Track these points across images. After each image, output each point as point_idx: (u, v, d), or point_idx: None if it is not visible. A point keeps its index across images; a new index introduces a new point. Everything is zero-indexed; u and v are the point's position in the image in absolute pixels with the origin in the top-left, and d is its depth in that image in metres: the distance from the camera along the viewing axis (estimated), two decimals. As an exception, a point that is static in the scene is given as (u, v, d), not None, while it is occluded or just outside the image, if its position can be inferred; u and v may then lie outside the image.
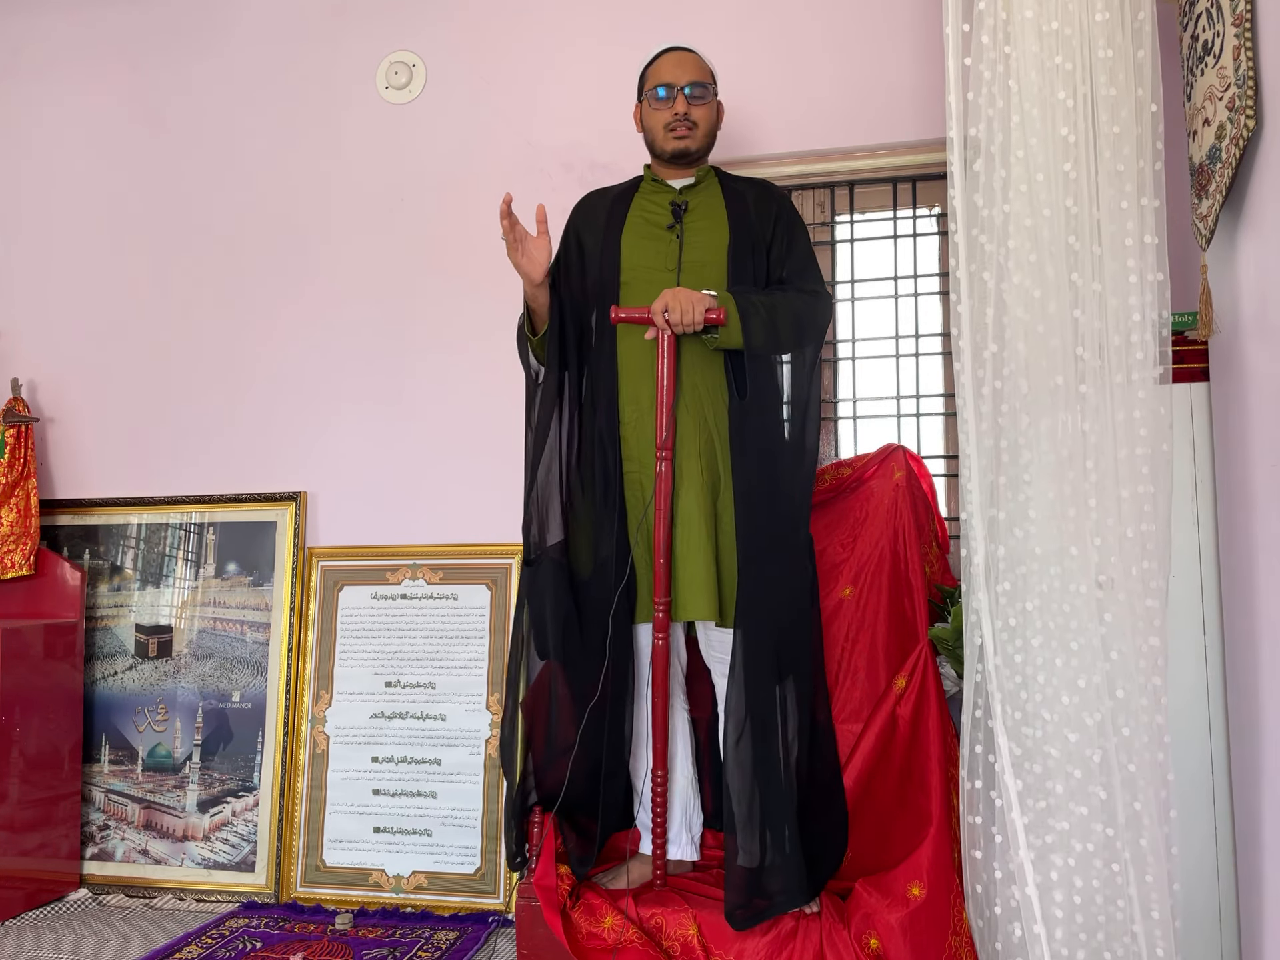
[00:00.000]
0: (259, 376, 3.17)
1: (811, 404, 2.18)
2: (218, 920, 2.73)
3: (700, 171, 2.28)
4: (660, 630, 2.07)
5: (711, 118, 2.27)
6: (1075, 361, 1.68)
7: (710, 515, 2.11)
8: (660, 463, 2.07)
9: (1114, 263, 1.66)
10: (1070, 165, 1.68)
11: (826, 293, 2.23)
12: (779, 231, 2.23)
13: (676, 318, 2.02)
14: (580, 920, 2.05)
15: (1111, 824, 1.62)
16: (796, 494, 2.14)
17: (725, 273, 2.17)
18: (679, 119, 2.21)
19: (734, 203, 2.24)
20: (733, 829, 2.01)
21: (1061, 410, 1.68)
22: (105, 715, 3.12)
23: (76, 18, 3.38)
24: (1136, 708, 1.61)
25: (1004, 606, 1.72)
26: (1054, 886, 1.62)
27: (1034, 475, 1.71)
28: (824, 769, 2.13)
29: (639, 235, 2.24)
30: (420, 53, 3.13)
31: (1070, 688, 1.64)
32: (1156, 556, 1.65)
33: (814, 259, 2.27)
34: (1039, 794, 1.67)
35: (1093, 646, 1.64)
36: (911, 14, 2.81)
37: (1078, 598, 1.65)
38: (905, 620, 2.30)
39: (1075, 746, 1.63)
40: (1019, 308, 1.71)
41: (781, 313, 2.10)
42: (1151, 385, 1.65)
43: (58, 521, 3.24)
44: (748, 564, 2.05)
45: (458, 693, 2.89)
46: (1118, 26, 1.68)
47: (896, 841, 2.10)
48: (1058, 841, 1.64)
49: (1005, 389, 1.74)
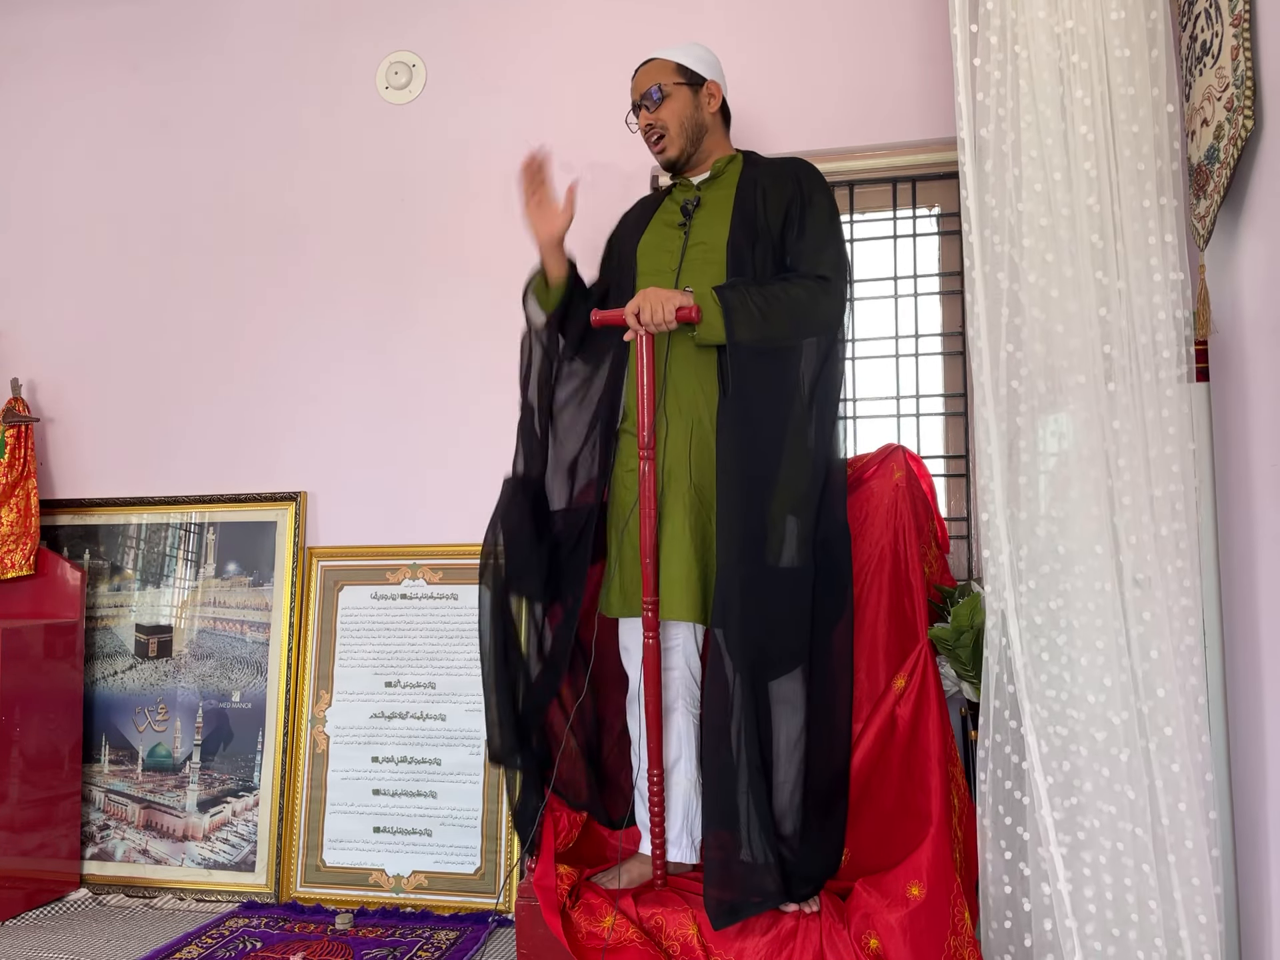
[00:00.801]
0: (259, 376, 3.17)
1: (819, 399, 2.10)
2: (218, 920, 2.73)
3: (719, 163, 2.25)
4: (649, 629, 2.08)
5: (683, 110, 2.23)
6: (1096, 361, 1.67)
7: (699, 516, 2.10)
8: (643, 463, 2.07)
9: (1137, 261, 1.66)
10: (1090, 164, 1.68)
11: (839, 279, 2.12)
12: (792, 214, 2.16)
13: (647, 317, 2.02)
14: (580, 920, 2.05)
15: (1140, 824, 1.61)
16: (797, 491, 2.08)
17: (725, 268, 2.15)
18: (646, 133, 2.26)
19: (744, 193, 2.19)
20: (711, 820, 2.01)
21: (1082, 409, 1.68)
22: (105, 715, 3.12)
23: (76, 18, 3.38)
24: (1175, 707, 1.61)
25: (1027, 606, 1.72)
26: (1085, 883, 1.62)
27: (1054, 474, 1.71)
28: (825, 770, 2.11)
29: (654, 236, 2.27)
30: (420, 53, 3.14)
31: (1096, 686, 1.64)
32: (1189, 555, 1.64)
33: (831, 242, 2.15)
34: (1068, 791, 1.67)
35: (1119, 645, 1.63)
36: (913, 14, 2.81)
37: (1102, 596, 1.65)
38: (905, 620, 2.29)
39: (1103, 745, 1.63)
40: (1035, 308, 1.71)
41: (777, 304, 2.04)
42: (1178, 384, 1.65)
43: (58, 521, 3.24)
44: (725, 566, 2.02)
45: (458, 693, 2.89)
46: (1132, 25, 1.68)
47: (896, 841, 2.09)
48: (1088, 839, 1.64)
49: (1023, 389, 1.74)
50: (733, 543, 2.02)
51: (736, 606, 1.98)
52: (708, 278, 2.13)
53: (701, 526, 2.11)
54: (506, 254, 3.02)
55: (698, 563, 2.08)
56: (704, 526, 2.11)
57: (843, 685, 2.14)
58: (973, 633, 2.14)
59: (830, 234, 2.16)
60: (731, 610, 1.99)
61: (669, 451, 2.12)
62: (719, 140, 2.31)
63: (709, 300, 2.04)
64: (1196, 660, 1.63)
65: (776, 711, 2.05)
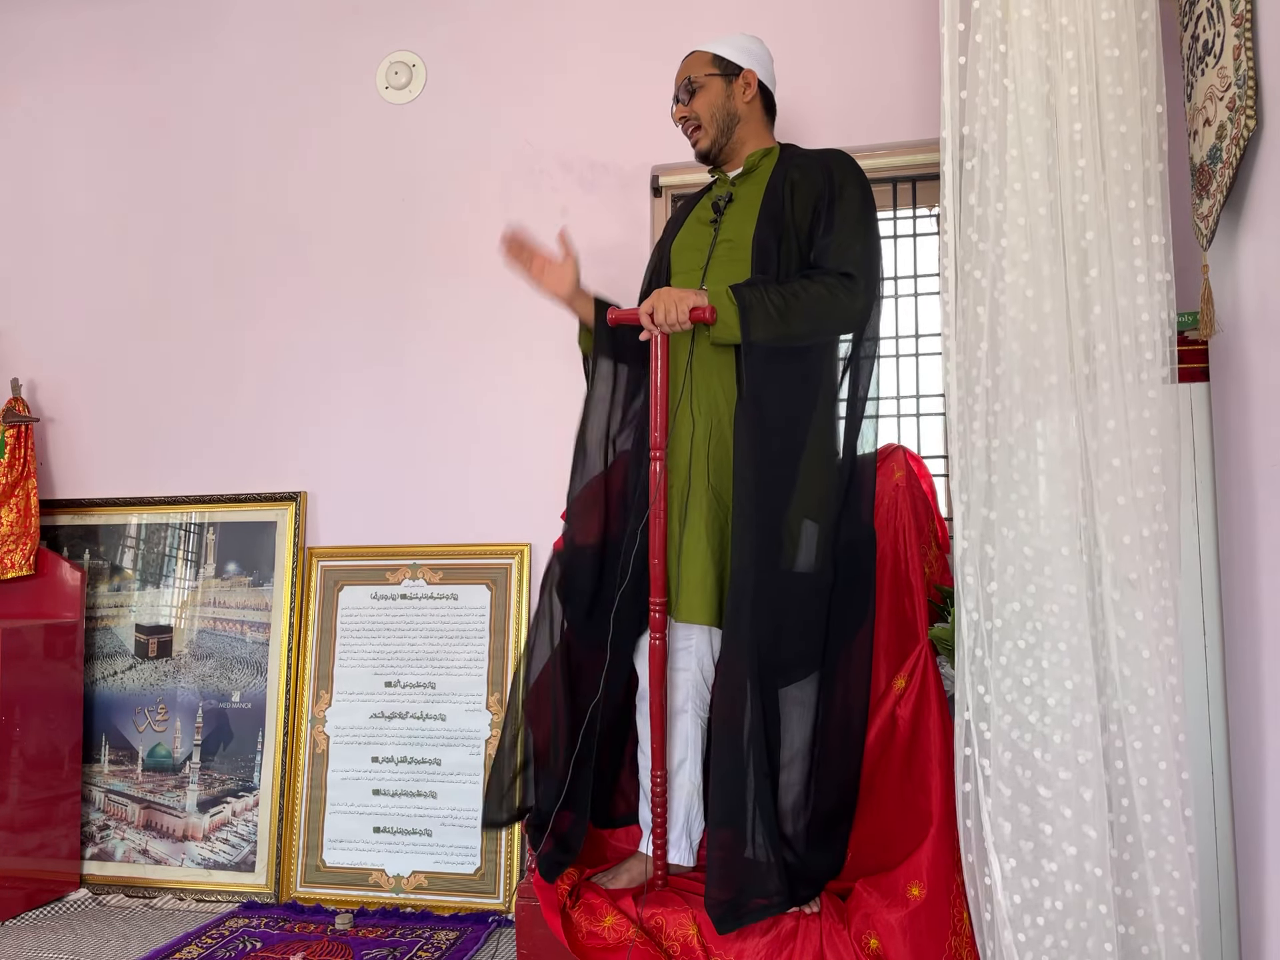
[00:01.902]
0: (259, 376, 3.17)
1: (845, 399, 2.08)
2: (218, 920, 2.73)
3: (753, 157, 2.22)
4: (656, 631, 2.07)
5: (716, 101, 2.20)
6: (1073, 360, 1.67)
7: (717, 518, 2.09)
8: (654, 463, 2.06)
9: (1121, 262, 1.66)
10: (1073, 163, 1.68)
11: (864, 276, 2.05)
12: (820, 209, 2.11)
13: (661, 318, 1.99)
14: (580, 920, 2.05)
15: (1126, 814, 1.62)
16: (817, 495, 2.05)
17: (750, 265, 2.11)
18: (682, 124, 2.25)
19: (773, 188, 2.15)
20: (715, 820, 2.00)
21: (1056, 409, 1.67)
22: (105, 715, 3.12)
23: (76, 17, 3.38)
24: (1156, 706, 1.61)
25: (997, 606, 1.72)
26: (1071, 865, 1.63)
27: (1026, 475, 1.70)
28: (837, 776, 2.09)
29: (688, 234, 2.24)
30: (420, 53, 3.13)
31: (1059, 689, 1.65)
32: (1168, 556, 1.64)
33: (859, 238, 2.08)
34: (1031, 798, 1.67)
35: (1084, 646, 1.64)
36: (911, 14, 2.81)
37: (1070, 598, 1.65)
38: (905, 620, 2.29)
39: (1070, 744, 1.64)
40: (1013, 307, 1.70)
41: (796, 302, 2.00)
42: (1161, 385, 1.65)
43: (58, 521, 3.24)
44: (738, 570, 1.99)
45: (458, 693, 2.89)
46: (1122, 26, 1.67)
47: (896, 841, 2.09)
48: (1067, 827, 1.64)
49: (999, 388, 1.73)
50: (746, 546, 1.99)
51: (747, 610, 1.96)
52: (733, 276, 2.10)
53: (720, 529, 2.08)
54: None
55: (714, 565, 2.06)
56: (722, 529, 2.09)
57: (859, 692, 2.10)
58: (973, 633, 2.14)
59: (859, 229, 2.09)
60: (742, 614, 1.97)
61: (688, 452, 2.10)
62: (755, 130, 2.24)
63: (724, 299, 2.00)
64: (1175, 660, 1.63)
65: (788, 715, 2.03)
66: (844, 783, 2.11)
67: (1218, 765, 1.95)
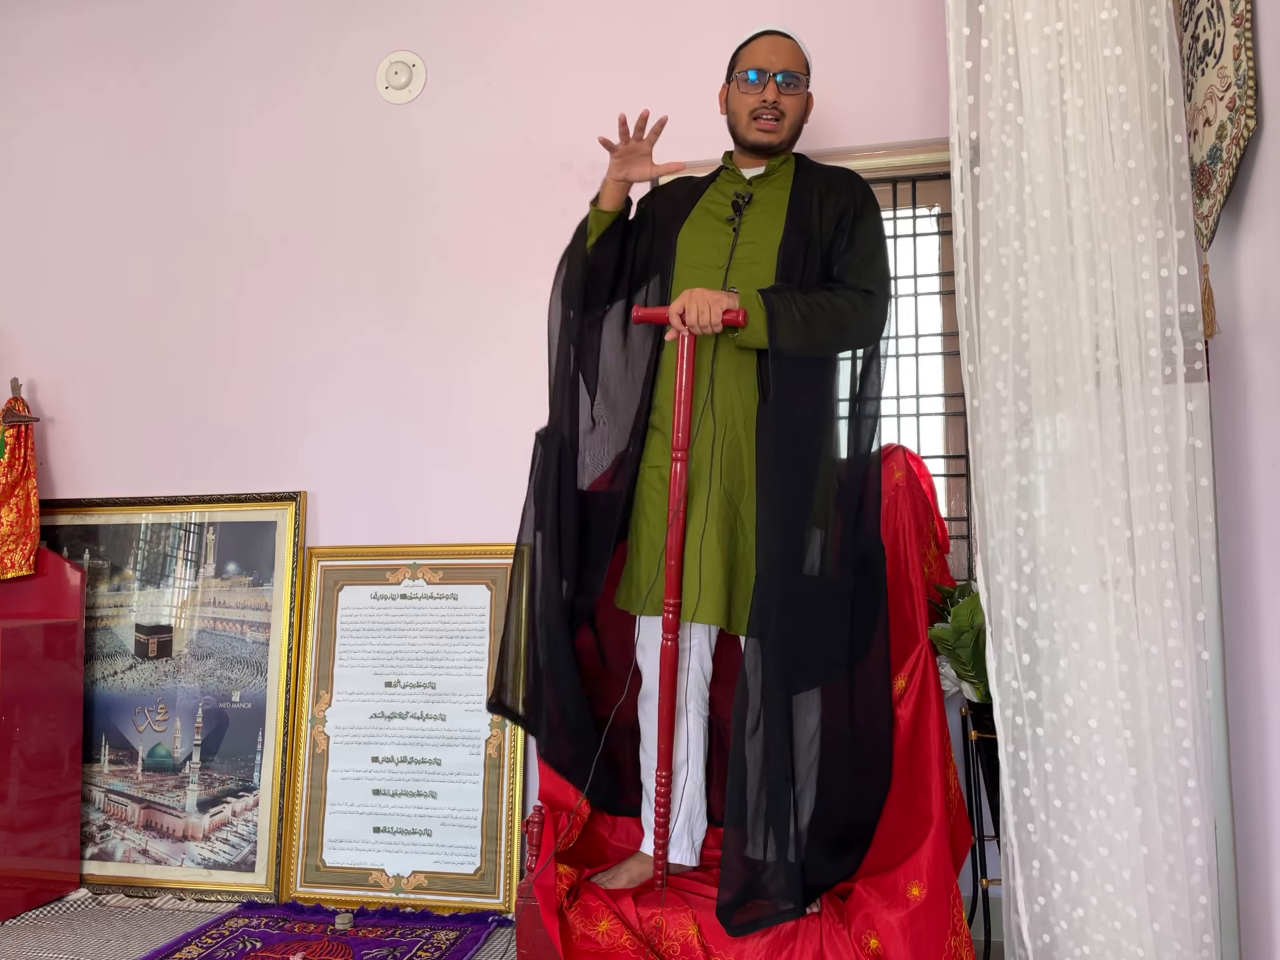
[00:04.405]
0: (259, 376, 3.17)
1: (858, 409, 2.11)
2: (218, 920, 2.73)
3: (774, 161, 2.22)
4: (669, 631, 2.07)
5: (800, 109, 2.21)
6: (1083, 361, 1.67)
7: (727, 520, 2.09)
8: (676, 464, 2.06)
9: (1127, 262, 1.66)
10: (1078, 165, 1.68)
11: (883, 294, 2.13)
12: (843, 225, 2.15)
13: (693, 319, 1.98)
14: (575, 922, 2.05)
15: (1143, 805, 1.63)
16: (835, 498, 2.07)
17: (774, 271, 2.11)
18: (766, 106, 2.16)
19: (800, 196, 2.16)
20: (731, 823, 2.00)
21: (1068, 409, 1.68)
22: (105, 715, 3.12)
23: (76, 17, 3.38)
24: (1163, 709, 1.61)
25: (1024, 598, 1.72)
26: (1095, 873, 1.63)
27: (1046, 475, 1.71)
28: (861, 783, 2.09)
29: (697, 228, 2.21)
30: (420, 53, 3.13)
31: (1076, 686, 1.65)
32: (1173, 556, 1.64)
33: (878, 257, 2.16)
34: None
35: (1102, 643, 1.64)
36: (912, 14, 2.81)
37: (1088, 596, 1.65)
38: (905, 620, 2.29)
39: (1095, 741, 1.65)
40: (1033, 308, 1.71)
41: (820, 313, 2.03)
42: (1164, 384, 1.65)
43: (58, 521, 3.24)
44: (765, 572, 1.99)
45: (458, 693, 2.89)
46: (1128, 24, 1.67)
47: (897, 842, 2.09)
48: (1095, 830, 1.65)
49: (1013, 391, 1.74)
50: (771, 551, 2.00)
51: (773, 615, 1.97)
52: (754, 279, 2.10)
53: (730, 530, 2.09)
54: (507, 254, 3.03)
55: (724, 566, 2.06)
56: (732, 530, 2.09)
57: (881, 693, 2.11)
58: (973, 633, 2.14)
59: (878, 248, 2.16)
60: (768, 619, 1.97)
61: (701, 453, 2.10)
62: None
63: (754, 304, 2.01)
64: (1179, 663, 1.63)
65: (802, 719, 2.03)
66: (869, 790, 2.11)
67: (1218, 766, 1.95)
